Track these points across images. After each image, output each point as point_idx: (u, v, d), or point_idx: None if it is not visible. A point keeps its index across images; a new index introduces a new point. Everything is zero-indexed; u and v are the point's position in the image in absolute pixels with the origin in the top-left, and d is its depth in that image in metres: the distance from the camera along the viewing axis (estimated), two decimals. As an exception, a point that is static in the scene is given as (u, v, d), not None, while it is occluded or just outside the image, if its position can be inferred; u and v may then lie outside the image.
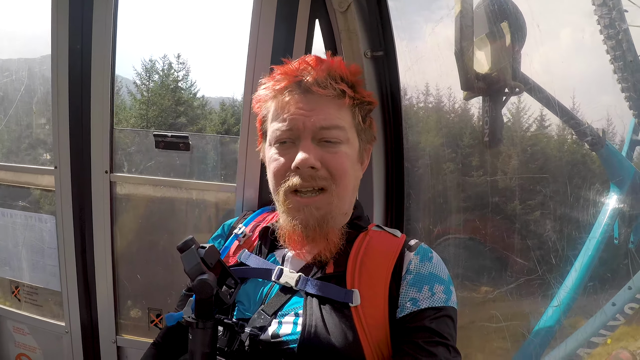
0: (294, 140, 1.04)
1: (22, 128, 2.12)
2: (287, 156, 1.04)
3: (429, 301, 0.96)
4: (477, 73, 1.44)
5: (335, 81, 1.05)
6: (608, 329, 1.72)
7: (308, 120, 1.02)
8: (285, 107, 1.05)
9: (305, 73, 1.05)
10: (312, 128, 1.03)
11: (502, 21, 1.41)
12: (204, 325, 0.92)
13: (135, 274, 1.92)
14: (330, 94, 1.04)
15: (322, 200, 1.04)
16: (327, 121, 1.03)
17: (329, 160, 1.03)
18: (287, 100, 1.05)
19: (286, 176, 1.04)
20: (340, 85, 1.05)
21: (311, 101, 1.04)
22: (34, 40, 1.99)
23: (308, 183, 1.02)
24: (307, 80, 1.04)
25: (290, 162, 1.03)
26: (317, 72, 1.04)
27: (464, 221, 1.75)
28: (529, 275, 1.67)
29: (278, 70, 1.10)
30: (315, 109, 1.03)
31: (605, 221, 1.76)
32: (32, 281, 2.07)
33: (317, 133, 1.03)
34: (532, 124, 1.84)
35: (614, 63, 1.56)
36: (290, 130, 1.04)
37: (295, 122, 1.03)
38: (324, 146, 1.04)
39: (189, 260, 0.93)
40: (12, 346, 2.14)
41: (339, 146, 1.05)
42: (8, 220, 2.08)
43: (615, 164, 1.76)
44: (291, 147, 1.04)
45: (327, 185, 1.04)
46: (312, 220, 1.02)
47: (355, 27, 1.42)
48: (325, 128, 1.03)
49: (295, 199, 1.04)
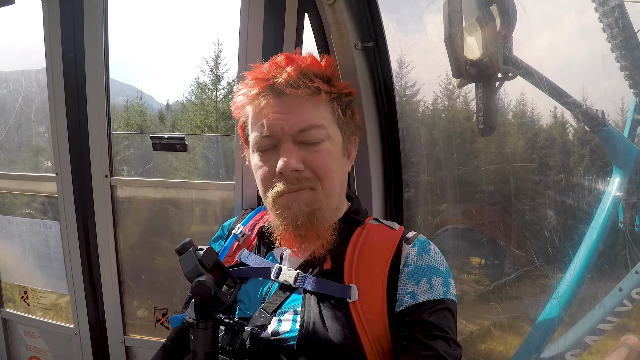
0: (275, 144, 1.04)
1: (22, 137, 2.16)
2: (270, 162, 1.04)
3: (427, 294, 0.96)
4: (467, 59, 1.41)
5: (308, 79, 1.03)
6: (615, 315, 1.69)
7: (286, 124, 1.01)
8: (261, 113, 1.04)
9: (276, 75, 1.03)
10: (291, 132, 1.01)
11: (491, 5, 1.38)
12: (205, 325, 0.93)
13: (140, 275, 1.94)
14: (305, 93, 1.01)
15: (310, 197, 1.03)
16: (305, 122, 1.02)
17: (311, 160, 1.03)
18: (263, 105, 1.03)
19: (273, 182, 1.04)
20: (314, 82, 1.03)
21: (286, 103, 1.02)
22: (28, 52, 2.02)
23: (294, 186, 1.02)
24: (279, 82, 1.01)
25: (274, 168, 1.02)
26: (288, 73, 1.02)
27: (463, 211, 1.74)
28: (531, 263, 1.66)
29: (249, 76, 1.08)
30: (291, 111, 1.02)
31: (609, 205, 1.72)
32: (40, 286, 2.12)
33: (296, 136, 1.02)
34: (530, 109, 1.81)
35: (611, 41, 1.52)
36: (269, 137, 1.03)
37: (273, 128, 1.02)
38: (306, 146, 1.03)
39: (187, 262, 0.94)
40: (23, 350, 2.20)
41: (320, 144, 1.04)
42: (14, 227, 2.13)
43: (616, 145, 1.71)
44: (274, 152, 1.04)
45: (313, 185, 1.03)
46: (301, 217, 1.02)
47: (344, 19, 1.40)
48: (304, 130, 1.02)
49: (283, 197, 1.03)
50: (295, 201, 1.02)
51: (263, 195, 1.09)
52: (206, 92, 10.71)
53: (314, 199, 1.03)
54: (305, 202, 1.02)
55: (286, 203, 1.03)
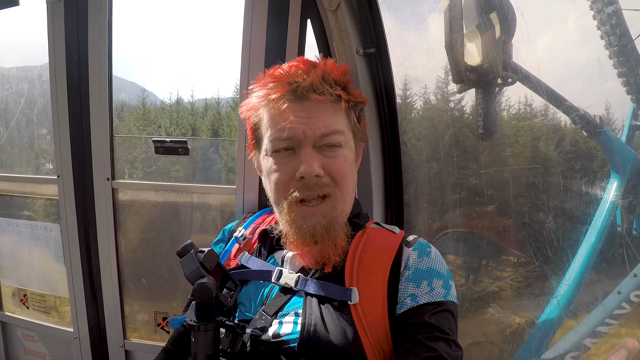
0: (293, 148, 1.02)
1: (24, 139, 2.16)
2: (287, 165, 1.02)
3: (428, 296, 0.96)
4: (467, 65, 1.43)
5: (330, 86, 1.03)
6: (614, 318, 1.70)
7: (308, 128, 1.00)
8: (282, 116, 1.01)
9: (299, 79, 1.02)
10: (313, 136, 1.00)
11: (491, 12, 1.39)
12: (206, 328, 0.93)
13: (140, 278, 1.94)
14: (327, 99, 1.02)
15: (327, 207, 1.03)
16: (327, 127, 1.01)
17: (330, 165, 1.02)
18: (284, 108, 1.01)
19: (290, 187, 1.02)
20: (336, 90, 1.03)
21: (308, 108, 1.01)
22: (32, 54, 2.02)
23: (314, 192, 1.01)
24: (302, 86, 1.01)
25: (292, 171, 1.01)
26: (311, 78, 1.01)
27: (463, 215, 1.75)
28: (529, 266, 1.66)
29: (269, 76, 1.06)
30: (313, 116, 1.01)
31: (606, 209, 1.74)
32: (40, 289, 2.11)
33: (318, 140, 1.01)
34: (528, 113, 1.82)
35: (609, 48, 1.54)
36: (289, 140, 1.01)
37: (294, 131, 1.00)
38: (324, 151, 1.03)
39: (188, 264, 0.94)
40: (22, 353, 2.18)
41: (338, 150, 1.04)
42: (14, 230, 2.13)
43: (614, 150, 1.73)
44: (291, 156, 1.02)
45: (331, 192, 1.03)
46: (319, 228, 1.01)
47: (346, 25, 1.42)
48: (326, 135, 1.02)
49: (302, 209, 1.02)
50: (313, 215, 1.01)
51: (276, 200, 1.06)
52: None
53: (332, 208, 1.03)
54: (323, 214, 1.02)
55: (304, 214, 1.02)
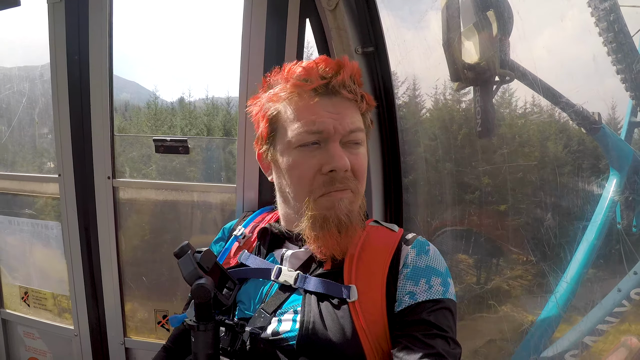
0: (320, 142, 1.03)
1: (25, 138, 2.17)
2: (314, 159, 1.02)
3: (426, 294, 0.97)
4: (465, 63, 1.43)
5: (356, 85, 1.06)
6: (614, 316, 1.70)
7: (339, 123, 1.01)
8: (310, 109, 1.02)
9: (330, 75, 1.04)
10: (342, 132, 1.02)
11: (488, 10, 1.40)
12: (205, 327, 0.93)
13: (140, 276, 1.95)
14: (355, 98, 1.05)
15: (351, 197, 1.04)
16: (354, 124, 1.04)
17: (353, 162, 1.04)
18: (315, 102, 1.02)
19: (315, 181, 1.03)
20: (360, 91, 1.07)
21: (337, 104, 1.03)
22: (33, 54, 2.03)
23: (341, 185, 1.02)
24: (334, 82, 1.03)
25: (318, 165, 1.02)
26: (342, 75, 1.03)
27: (462, 213, 1.75)
28: (529, 263, 1.67)
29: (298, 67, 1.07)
30: (341, 112, 1.03)
31: (606, 206, 1.74)
32: (41, 286, 2.12)
33: (346, 136, 1.03)
34: (526, 110, 1.82)
35: (607, 45, 1.54)
36: (319, 133, 1.02)
37: (325, 126, 1.01)
38: (348, 148, 1.04)
39: (186, 265, 0.95)
40: (23, 351, 2.19)
41: (359, 148, 1.06)
42: (15, 228, 2.14)
43: (613, 147, 1.73)
44: (317, 150, 1.03)
45: (353, 187, 1.04)
46: (343, 216, 1.01)
47: (345, 24, 1.43)
48: (353, 131, 1.04)
49: (328, 196, 1.02)
50: (341, 200, 1.02)
51: (299, 195, 1.06)
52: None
53: (353, 200, 1.05)
54: (349, 201, 1.03)
55: (330, 203, 1.02)
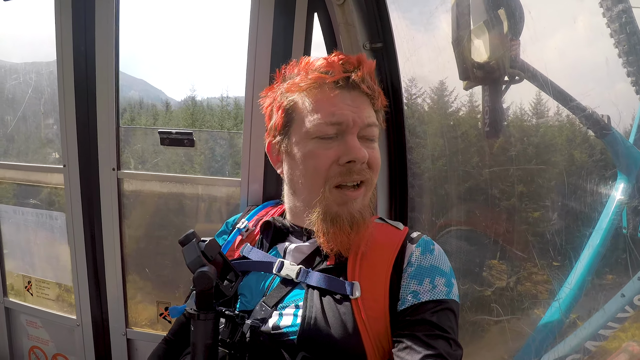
0: (338, 134, 1.04)
1: (31, 128, 2.17)
2: (331, 150, 1.02)
3: (430, 294, 0.96)
4: (474, 62, 1.42)
5: (374, 82, 1.07)
6: (617, 321, 1.69)
7: (358, 116, 1.02)
8: (330, 101, 1.03)
9: (351, 69, 1.05)
10: (361, 125, 1.03)
11: (499, 8, 1.39)
12: (205, 317, 0.93)
13: (143, 268, 1.95)
14: (372, 94, 1.06)
15: (362, 193, 1.05)
16: (371, 119, 1.05)
17: (370, 154, 1.05)
18: (335, 94, 1.03)
19: (330, 171, 1.03)
20: (377, 87, 1.08)
21: (355, 98, 1.04)
22: (40, 44, 2.03)
23: (358, 176, 1.03)
24: (354, 76, 1.04)
25: (335, 157, 1.02)
26: (362, 70, 1.05)
27: (467, 213, 1.74)
28: (534, 267, 1.65)
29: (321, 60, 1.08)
30: (359, 106, 1.04)
31: (612, 211, 1.73)
32: (44, 276, 2.13)
33: (363, 129, 1.04)
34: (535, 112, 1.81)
35: (618, 47, 1.52)
36: (338, 125, 1.02)
37: (345, 118, 1.02)
38: (364, 142, 1.05)
39: (190, 253, 0.95)
40: (25, 339, 2.21)
41: (374, 142, 1.08)
42: (20, 217, 2.15)
43: (621, 151, 1.71)
44: (333, 141, 1.03)
45: (368, 178, 1.05)
46: (356, 215, 1.03)
47: (353, 19, 1.42)
48: (370, 125, 1.05)
49: (343, 193, 1.03)
50: (354, 200, 1.03)
51: (314, 185, 1.05)
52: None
53: (365, 195, 1.06)
54: (360, 199, 1.05)
55: (343, 199, 1.03)
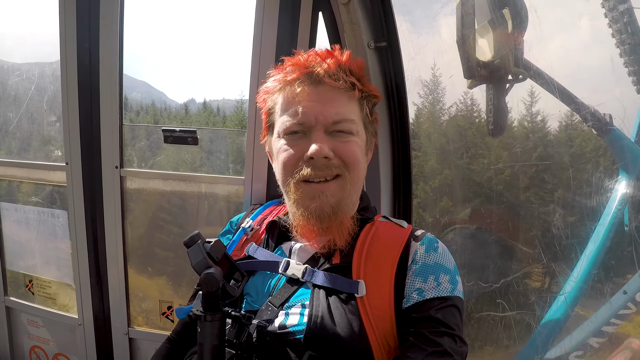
0: (305, 131, 1.04)
1: (33, 126, 2.16)
2: (298, 147, 1.04)
3: (434, 291, 0.97)
4: (479, 61, 1.42)
5: (345, 74, 1.05)
6: (619, 318, 1.70)
7: (321, 114, 1.02)
8: (295, 99, 1.04)
9: (315, 65, 1.05)
10: (325, 122, 1.03)
11: (503, 8, 1.39)
12: (212, 318, 0.92)
13: (146, 267, 1.95)
14: (342, 86, 1.04)
15: (336, 187, 1.04)
16: (339, 115, 1.04)
17: (341, 149, 1.04)
18: (298, 92, 1.03)
19: (298, 166, 1.03)
20: (350, 78, 1.06)
21: (322, 93, 1.04)
22: (43, 42, 2.03)
23: (322, 172, 1.03)
24: (318, 71, 1.03)
25: (301, 152, 1.02)
26: (328, 65, 1.04)
27: (473, 211, 1.74)
28: (536, 264, 1.66)
29: (288, 61, 1.09)
30: (326, 102, 1.03)
31: (614, 208, 1.73)
32: (46, 275, 2.12)
33: (329, 126, 1.03)
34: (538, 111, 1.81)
35: (620, 47, 1.53)
36: (302, 124, 1.03)
37: (307, 116, 1.02)
38: (336, 136, 1.04)
39: (195, 255, 0.94)
40: (26, 339, 2.19)
41: (350, 137, 1.06)
42: (21, 215, 2.13)
43: (623, 148, 1.72)
44: (302, 138, 1.04)
45: (341, 172, 1.04)
46: (327, 208, 1.02)
47: (358, 18, 1.42)
48: (337, 122, 1.04)
49: (308, 186, 1.03)
50: (322, 192, 1.02)
51: (284, 180, 1.08)
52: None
53: (341, 187, 1.04)
54: (332, 193, 1.03)
55: (312, 193, 1.03)
